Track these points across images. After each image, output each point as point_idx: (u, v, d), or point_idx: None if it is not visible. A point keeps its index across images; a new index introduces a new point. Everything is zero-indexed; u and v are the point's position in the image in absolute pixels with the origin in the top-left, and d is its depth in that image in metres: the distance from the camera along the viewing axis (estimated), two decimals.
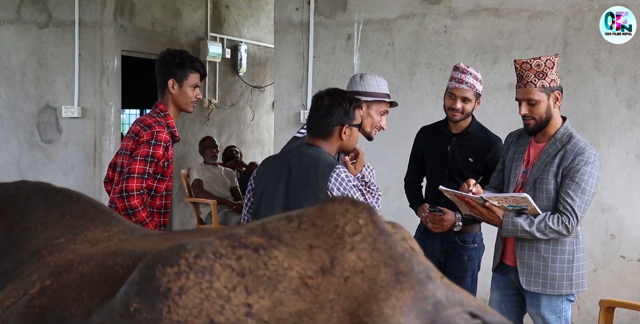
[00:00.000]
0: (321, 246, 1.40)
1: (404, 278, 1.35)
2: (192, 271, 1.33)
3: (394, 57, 6.04)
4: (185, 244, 1.37)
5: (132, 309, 1.33)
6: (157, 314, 1.31)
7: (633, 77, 5.36)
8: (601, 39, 5.41)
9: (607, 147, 5.41)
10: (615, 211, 5.42)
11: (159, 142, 3.85)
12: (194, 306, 1.31)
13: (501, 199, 3.45)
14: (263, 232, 1.41)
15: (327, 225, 1.42)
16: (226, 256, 1.36)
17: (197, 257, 1.35)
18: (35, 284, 1.58)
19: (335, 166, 3.32)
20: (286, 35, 6.39)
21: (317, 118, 3.41)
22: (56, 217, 1.94)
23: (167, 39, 8.52)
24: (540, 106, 3.54)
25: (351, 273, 1.35)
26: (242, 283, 1.34)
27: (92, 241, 1.80)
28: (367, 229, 1.41)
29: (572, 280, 3.55)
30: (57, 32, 7.34)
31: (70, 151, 7.34)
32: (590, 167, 3.45)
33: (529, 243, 3.53)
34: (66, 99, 7.31)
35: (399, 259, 1.38)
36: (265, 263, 1.37)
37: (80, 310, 1.45)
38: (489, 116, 5.48)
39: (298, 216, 1.45)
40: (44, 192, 2.06)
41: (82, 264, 1.57)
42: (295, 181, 3.34)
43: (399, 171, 5.19)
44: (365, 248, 1.38)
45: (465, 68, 4.12)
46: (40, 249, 1.79)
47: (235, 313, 1.31)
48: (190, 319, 1.30)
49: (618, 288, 5.42)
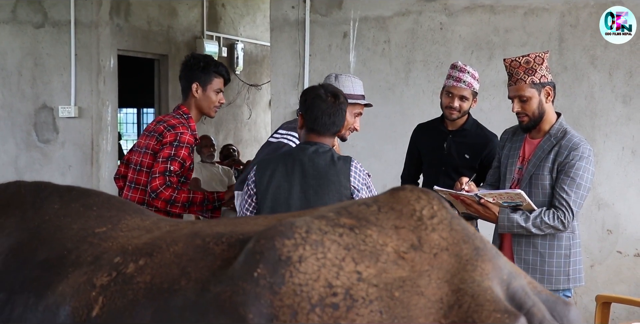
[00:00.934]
0: (405, 227, 1.63)
1: (482, 252, 1.60)
2: (306, 243, 1.54)
3: (390, 54, 6.05)
4: (293, 221, 1.59)
5: (256, 275, 1.51)
6: (280, 279, 1.50)
7: (628, 73, 5.37)
8: (596, 35, 5.42)
9: (603, 143, 5.42)
10: (612, 206, 5.43)
11: (182, 143, 3.87)
12: (313, 272, 1.51)
13: (496, 195, 3.46)
14: (349, 214, 1.64)
15: (405, 209, 1.66)
16: (330, 232, 1.58)
17: (308, 232, 1.56)
18: (128, 265, 1.75)
19: (351, 160, 3.37)
20: (282, 34, 6.40)
21: (335, 117, 3.41)
22: (80, 209, 2.10)
23: (164, 38, 8.53)
24: (531, 102, 3.56)
25: (438, 250, 1.59)
26: (349, 255, 1.55)
27: (141, 228, 1.97)
28: (441, 213, 1.66)
29: (569, 275, 3.56)
30: (53, 32, 7.34)
31: (68, 150, 7.34)
32: (585, 162, 3.46)
33: (526, 239, 3.54)
34: (63, 99, 7.30)
35: (473, 237, 1.64)
36: (364, 240, 1.58)
37: (191, 283, 1.62)
38: (485, 112, 5.49)
39: (374, 201, 1.69)
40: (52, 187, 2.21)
41: (171, 246, 1.75)
42: (314, 182, 3.33)
43: (395, 168, 5.20)
44: (444, 228, 1.63)
45: (463, 67, 4.14)
46: (84, 237, 1.95)
47: (348, 278, 1.51)
48: (310, 283, 1.50)
49: (615, 283, 5.43)
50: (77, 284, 1.78)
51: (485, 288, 1.53)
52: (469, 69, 4.15)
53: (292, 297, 1.48)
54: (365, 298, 1.49)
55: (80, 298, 1.74)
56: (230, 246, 1.67)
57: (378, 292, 1.50)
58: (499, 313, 1.48)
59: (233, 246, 1.66)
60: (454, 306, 1.50)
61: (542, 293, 1.67)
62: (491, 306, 1.49)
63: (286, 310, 1.48)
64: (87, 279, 1.77)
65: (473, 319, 1.48)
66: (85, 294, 1.74)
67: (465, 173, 3.98)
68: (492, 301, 1.50)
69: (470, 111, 4.31)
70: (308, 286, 1.49)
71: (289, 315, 1.47)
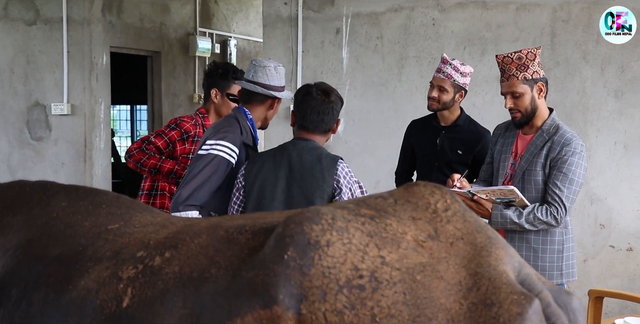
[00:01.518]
0: (422, 218, 1.71)
1: (495, 241, 1.69)
2: (333, 229, 1.62)
3: (382, 50, 6.05)
4: (319, 209, 1.67)
5: (286, 257, 1.58)
6: (309, 261, 1.58)
7: (620, 67, 5.38)
8: (588, 30, 5.44)
9: (595, 137, 5.44)
10: (604, 201, 5.45)
11: (177, 127, 4.24)
12: (340, 255, 1.59)
13: (489, 192, 3.47)
14: (368, 206, 1.73)
15: (420, 202, 1.75)
16: (353, 220, 1.66)
17: (334, 219, 1.64)
18: (154, 258, 1.80)
19: (339, 160, 3.40)
20: (275, 30, 6.40)
21: (325, 114, 3.45)
22: (88, 206, 2.15)
23: (156, 35, 8.51)
24: (524, 98, 3.57)
25: (454, 239, 1.68)
26: (372, 241, 1.63)
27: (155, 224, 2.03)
28: (454, 206, 1.75)
29: (562, 270, 3.58)
30: (45, 29, 7.31)
31: (60, 148, 7.32)
32: (577, 158, 3.48)
33: (519, 235, 3.55)
34: (55, 96, 7.29)
35: (485, 228, 1.73)
36: (385, 228, 1.66)
37: (221, 270, 1.68)
38: (477, 108, 5.50)
39: (390, 195, 1.78)
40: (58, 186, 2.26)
41: (195, 238, 1.81)
42: (299, 176, 3.35)
43: (389, 164, 5.21)
44: (458, 220, 1.72)
45: (447, 59, 4.17)
46: (98, 234, 2.01)
47: (373, 262, 1.59)
48: (337, 266, 1.57)
49: (607, 278, 5.45)
50: (102, 278, 1.83)
51: (501, 271, 1.61)
52: (455, 62, 4.16)
53: (320, 278, 1.56)
54: (389, 280, 1.57)
55: (107, 290, 1.79)
56: (254, 234, 1.74)
57: (401, 275, 1.58)
58: (515, 295, 1.56)
59: (257, 235, 1.74)
60: (472, 289, 1.58)
61: (546, 283, 1.74)
62: (508, 288, 1.57)
63: (315, 291, 1.55)
64: (111, 273, 1.83)
65: (491, 301, 1.56)
66: (112, 286, 1.79)
67: (458, 169, 4.00)
68: (508, 284, 1.58)
69: (462, 106, 4.31)
70: (336, 269, 1.57)
71: (318, 296, 1.55)
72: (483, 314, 1.55)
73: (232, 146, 3.54)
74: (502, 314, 1.54)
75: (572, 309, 1.74)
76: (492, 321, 1.54)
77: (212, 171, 3.49)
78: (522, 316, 1.54)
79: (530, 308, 1.55)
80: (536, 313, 1.56)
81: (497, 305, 1.55)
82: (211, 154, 3.51)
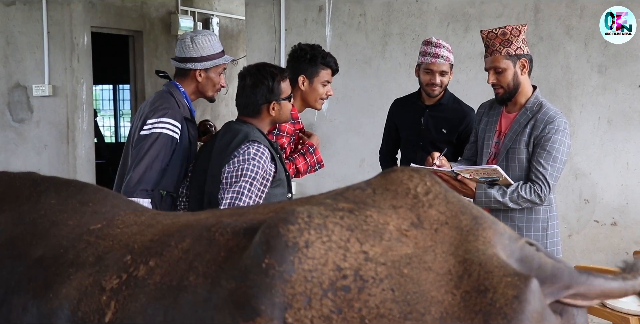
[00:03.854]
0: (403, 206, 1.65)
1: (481, 221, 1.63)
2: (310, 228, 1.54)
3: (365, 28, 6.02)
4: (294, 208, 1.59)
5: (265, 265, 1.50)
6: (290, 266, 1.49)
7: (604, 42, 5.37)
8: (572, 5, 5.43)
9: (579, 113, 5.44)
10: (589, 176, 5.47)
11: (281, 132, 3.79)
12: (320, 256, 1.51)
13: (472, 171, 3.47)
14: (346, 199, 1.65)
15: (399, 189, 1.69)
16: (331, 216, 1.58)
17: (310, 217, 1.56)
18: (139, 267, 1.72)
19: (240, 145, 3.26)
20: (257, 8, 6.35)
21: (243, 98, 3.39)
22: (76, 205, 2.08)
23: (137, 14, 8.43)
24: (506, 73, 3.57)
25: (438, 225, 1.62)
26: (353, 235, 1.56)
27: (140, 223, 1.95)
28: (435, 188, 1.70)
29: (547, 247, 3.59)
30: (25, 9, 7.23)
31: (43, 129, 7.27)
32: (560, 135, 3.47)
33: (503, 213, 3.55)
34: (36, 78, 7.22)
35: (470, 207, 1.67)
36: (365, 220, 1.59)
37: (200, 278, 1.60)
38: (461, 84, 5.49)
39: (368, 185, 1.71)
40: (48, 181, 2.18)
41: (180, 242, 1.73)
42: (215, 156, 3.32)
43: (373, 142, 5.20)
44: (441, 203, 1.66)
45: (438, 42, 4.14)
46: (79, 235, 1.92)
47: (356, 259, 1.52)
48: (319, 268, 1.50)
49: (592, 252, 5.49)
50: (83, 286, 1.75)
51: (491, 255, 1.55)
52: (443, 43, 4.17)
53: (303, 284, 1.48)
54: (375, 277, 1.50)
55: (89, 302, 1.72)
56: (234, 235, 1.67)
57: (387, 270, 1.52)
58: (509, 277, 1.50)
59: (236, 235, 1.66)
60: (463, 276, 1.52)
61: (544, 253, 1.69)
62: (500, 271, 1.52)
63: (299, 297, 1.48)
64: (94, 282, 1.75)
65: (485, 286, 1.50)
66: (94, 298, 1.72)
67: (442, 148, 3.99)
68: (500, 266, 1.53)
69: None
70: (318, 271, 1.50)
71: (302, 302, 1.48)
72: (478, 302, 1.49)
73: (174, 122, 3.51)
74: (498, 299, 1.48)
75: None
76: (489, 307, 1.48)
77: (158, 149, 3.46)
78: (519, 298, 1.48)
79: (527, 289, 1.49)
80: (534, 293, 1.49)
81: (492, 290, 1.50)
82: (154, 133, 3.48)
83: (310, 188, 6.19)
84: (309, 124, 6.12)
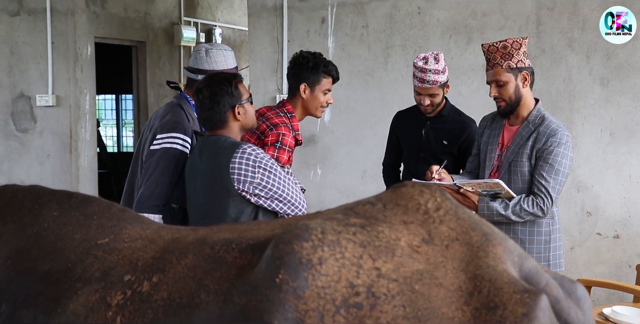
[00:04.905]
0: (414, 222, 1.65)
1: (491, 237, 1.63)
2: (324, 244, 1.54)
3: (368, 39, 6.04)
4: (307, 224, 1.59)
5: (278, 281, 1.50)
6: (303, 282, 1.50)
7: (606, 55, 5.39)
8: (574, 17, 5.44)
9: (581, 125, 5.45)
10: (591, 188, 5.47)
11: (284, 146, 3.69)
12: (334, 272, 1.51)
13: (474, 184, 3.47)
14: (357, 214, 1.65)
15: (410, 204, 1.68)
16: (344, 232, 1.59)
17: (324, 233, 1.56)
18: (142, 283, 1.73)
19: (236, 148, 3.22)
20: (260, 20, 6.36)
21: (205, 111, 3.31)
22: (79, 217, 2.06)
23: (141, 25, 8.46)
24: (508, 86, 3.58)
25: (449, 241, 1.61)
26: (365, 252, 1.56)
27: (144, 238, 1.94)
28: (445, 204, 1.69)
29: (549, 261, 3.59)
30: (29, 20, 7.25)
31: (46, 139, 7.28)
32: (563, 148, 3.48)
33: (506, 226, 3.55)
34: (40, 88, 7.24)
35: (480, 223, 1.68)
36: (377, 236, 1.59)
37: (211, 295, 1.61)
38: (464, 96, 5.50)
39: (378, 200, 1.71)
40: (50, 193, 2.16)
41: (182, 259, 1.73)
42: (201, 176, 3.29)
43: (375, 153, 5.20)
44: (451, 219, 1.66)
45: (424, 67, 4.03)
46: (87, 249, 1.92)
47: (368, 276, 1.52)
48: (332, 284, 1.50)
49: (595, 265, 5.48)
50: (90, 303, 1.75)
51: (501, 271, 1.55)
52: (430, 66, 4.03)
53: (316, 300, 1.49)
54: (387, 294, 1.51)
55: (96, 317, 1.72)
56: (241, 252, 1.67)
57: (399, 286, 1.52)
58: (519, 294, 1.50)
59: (245, 252, 1.66)
60: (473, 293, 1.52)
61: (548, 273, 1.69)
62: (510, 288, 1.51)
63: (312, 313, 1.48)
64: (100, 298, 1.75)
65: (495, 303, 1.50)
66: (100, 313, 1.72)
67: (443, 159, 3.99)
68: (510, 283, 1.52)
69: (448, 95, 4.31)
70: (331, 288, 1.50)
71: (315, 318, 1.48)
72: (488, 319, 1.49)
73: (184, 137, 3.50)
74: (508, 316, 1.48)
75: (578, 298, 1.67)
76: None
77: (168, 164, 3.46)
78: (528, 316, 1.48)
79: (536, 306, 1.48)
80: (544, 310, 1.49)
81: (502, 307, 1.50)
82: (164, 148, 3.48)
83: (312, 199, 6.19)
84: (311, 135, 6.13)
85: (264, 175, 3.21)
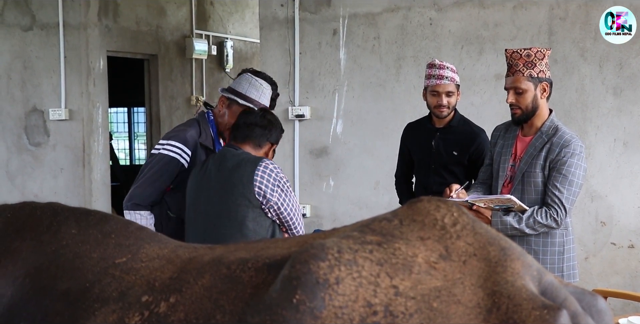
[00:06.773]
0: (431, 238, 1.62)
1: (509, 252, 1.60)
2: (341, 264, 1.52)
3: (380, 51, 6.04)
4: (324, 243, 1.57)
5: (295, 301, 1.48)
6: (320, 302, 1.48)
7: (619, 64, 5.37)
8: (586, 27, 5.43)
9: (594, 135, 5.43)
10: (605, 198, 5.44)
11: None
12: (351, 292, 1.49)
13: (487, 200, 3.46)
14: (373, 231, 1.63)
15: (426, 220, 1.65)
16: (361, 250, 1.56)
17: (340, 252, 1.54)
18: (160, 304, 1.72)
19: (260, 161, 3.38)
20: (272, 32, 6.39)
21: (258, 127, 3.49)
22: (98, 236, 2.05)
23: (153, 38, 8.50)
24: (526, 94, 3.56)
25: (467, 257, 1.58)
26: (382, 270, 1.53)
27: (161, 257, 1.93)
28: (462, 219, 1.65)
29: (563, 271, 3.57)
30: (42, 34, 7.31)
31: (59, 153, 7.32)
32: (576, 159, 3.46)
33: (519, 237, 3.53)
34: (53, 102, 7.28)
35: (498, 238, 1.64)
36: (394, 253, 1.57)
37: (227, 316, 1.60)
38: (476, 107, 5.49)
39: (394, 216, 1.68)
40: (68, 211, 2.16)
41: (199, 279, 1.72)
42: (218, 185, 3.37)
43: (387, 164, 5.20)
44: (469, 234, 1.62)
45: (442, 64, 4.18)
46: (105, 268, 1.91)
47: (386, 294, 1.50)
48: (350, 304, 1.48)
49: (609, 275, 5.45)
50: (108, 323, 1.75)
51: (519, 287, 1.52)
52: (447, 64, 4.21)
53: (333, 320, 1.47)
54: (405, 312, 1.48)
55: None
56: (257, 271, 1.65)
57: (417, 304, 1.49)
58: (538, 310, 1.48)
59: (260, 271, 1.65)
60: (492, 310, 1.50)
61: (569, 286, 1.67)
62: (529, 304, 1.49)
63: None
64: (118, 319, 1.74)
65: (514, 320, 1.47)
66: None
67: (454, 170, 4.00)
68: (529, 299, 1.50)
69: (460, 105, 4.32)
70: (348, 308, 1.48)
71: None
72: None
73: (181, 146, 3.62)
74: None
75: (598, 311, 1.64)
76: None
77: (160, 169, 3.61)
78: None
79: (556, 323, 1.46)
80: None
81: None
82: (161, 154, 3.63)
83: (325, 211, 6.18)
84: (324, 147, 6.13)
85: (280, 196, 3.36)
